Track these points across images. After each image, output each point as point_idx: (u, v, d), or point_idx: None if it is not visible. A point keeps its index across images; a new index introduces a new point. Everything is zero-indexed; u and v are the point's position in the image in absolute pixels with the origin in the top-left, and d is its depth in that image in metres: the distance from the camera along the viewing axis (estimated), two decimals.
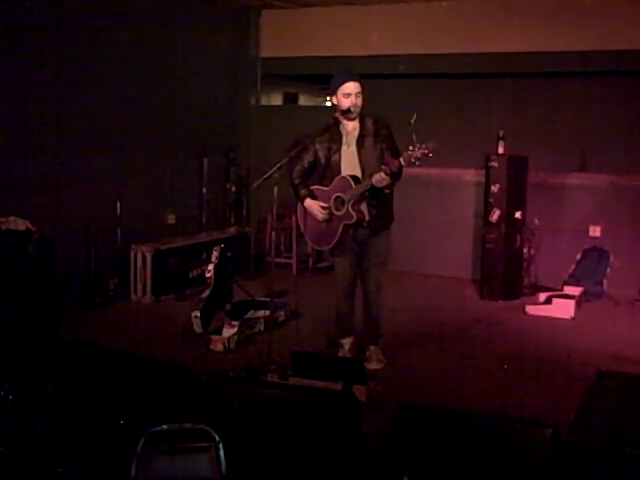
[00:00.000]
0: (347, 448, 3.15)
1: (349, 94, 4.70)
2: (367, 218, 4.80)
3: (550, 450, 2.77)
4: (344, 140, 4.81)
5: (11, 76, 5.90)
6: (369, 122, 4.80)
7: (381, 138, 4.77)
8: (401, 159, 4.50)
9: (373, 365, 4.99)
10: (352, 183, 4.71)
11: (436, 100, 7.72)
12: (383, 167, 4.53)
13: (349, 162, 4.80)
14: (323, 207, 4.81)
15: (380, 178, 4.53)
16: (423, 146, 4.45)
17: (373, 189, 4.66)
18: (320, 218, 4.84)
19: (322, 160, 4.87)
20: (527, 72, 7.24)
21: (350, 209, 4.73)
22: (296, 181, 4.92)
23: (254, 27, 8.42)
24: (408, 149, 4.49)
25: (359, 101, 4.72)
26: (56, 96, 6.24)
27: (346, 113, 4.74)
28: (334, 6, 7.84)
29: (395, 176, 4.58)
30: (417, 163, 4.48)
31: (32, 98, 6.06)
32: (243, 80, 8.53)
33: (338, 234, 4.82)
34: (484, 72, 7.40)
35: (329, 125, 4.84)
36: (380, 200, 4.78)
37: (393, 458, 3.03)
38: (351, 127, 4.81)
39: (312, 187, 4.93)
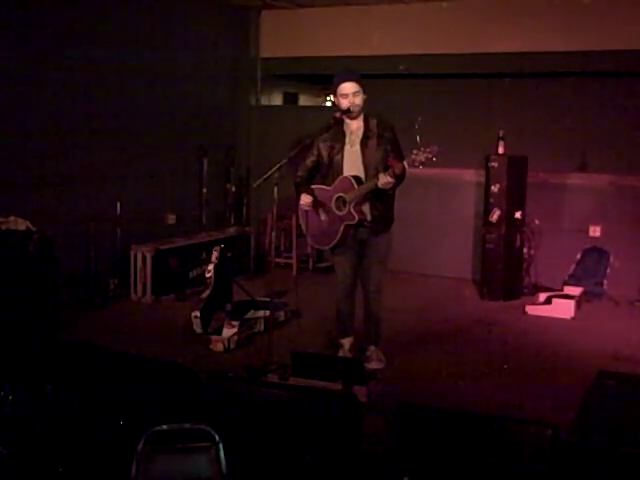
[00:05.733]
0: (347, 448, 3.15)
1: (346, 94, 4.72)
2: (369, 219, 4.81)
3: (550, 450, 2.77)
4: (347, 140, 4.82)
5: (11, 76, 5.90)
6: (373, 123, 4.81)
7: (385, 140, 4.76)
8: (405, 162, 4.51)
9: (373, 365, 4.99)
10: (354, 184, 4.72)
11: (436, 100, 7.71)
12: (389, 171, 4.55)
13: (352, 162, 4.80)
14: (308, 203, 4.82)
15: (386, 181, 4.54)
16: (427, 150, 4.45)
17: (375, 190, 4.67)
18: (303, 209, 4.86)
19: (325, 159, 4.88)
20: (527, 72, 7.23)
21: (352, 210, 4.74)
22: (297, 180, 4.95)
23: (254, 27, 8.42)
24: (412, 152, 4.50)
25: (357, 100, 4.73)
26: (56, 96, 6.24)
27: (347, 113, 4.75)
28: (334, 6, 7.84)
29: (399, 178, 4.60)
30: (421, 167, 4.49)
31: (32, 98, 6.06)
32: (243, 80, 8.53)
33: (339, 234, 4.83)
34: (484, 72, 7.40)
35: (332, 124, 4.84)
36: (382, 201, 4.79)
37: (393, 458, 3.03)
38: (355, 126, 4.82)
39: (314, 186, 4.94)
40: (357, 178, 4.75)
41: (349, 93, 4.71)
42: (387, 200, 4.81)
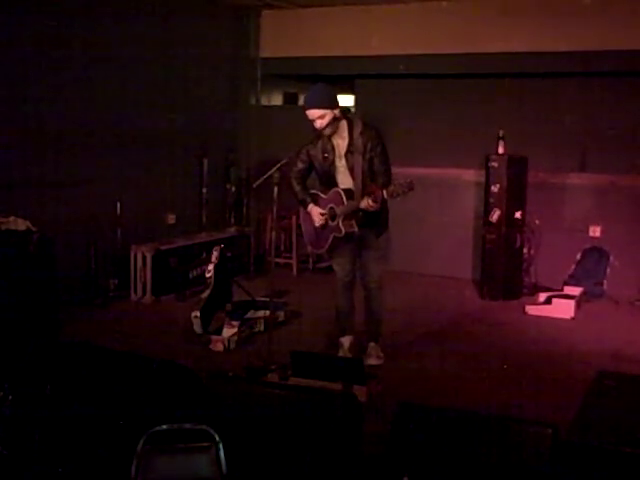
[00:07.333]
0: (347, 448, 3.14)
1: (312, 120, 4.76)
2: (357, 232, 4.83)
3: (550, 450, 2.77)
4: (336, 152, 4.86)
5: (11, 76, 5.90)
6: (357, 131, 4.80)
7: (369, 149, 4.78)
8: (384, 192, 4.51)
9: (372, 361, 5.03)
10: (344, 199, 4.77)
11: (436, 100, 7.72)
12: (371, 196, 4.55)
13: (343, 174, 4.87)
14: (322, 214, 4.89)
15: (367, 205, 4.59)
16: (406, 184, 4.43)
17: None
18: (317, 224, 4.93)
19: (318, 169, 4.95)
20: (527, 72, 7.23)
21: (340, 223, 4.80)
22: (296, 188, 5.01)
23: (254, 27, 8.42)
24: (392, 183, 4.54)
25: (324, 122, 4.73)
26: (56, 96, 6.24)
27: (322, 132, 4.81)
28: (334, 6, 7.84)
29: (380, 203, 4.60)
30: (398, 198, 4.51)
31: (32, 98, 6.05)
32: (243, 80, 8.52)
33: (328, 243, 4.93)
34: (484, 72, 7.40)
35: (321, 134, 4.86)
36: (373, 213, 4.78)
37: (393, 458, 3.03)
38: (340, 139, 4.84)
39: (312, 191, 5.01)
40: (348, 192, 4.79)
41: (314, 118, 4.75)
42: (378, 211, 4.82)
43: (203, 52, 7.78)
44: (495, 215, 6.93)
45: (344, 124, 4.82)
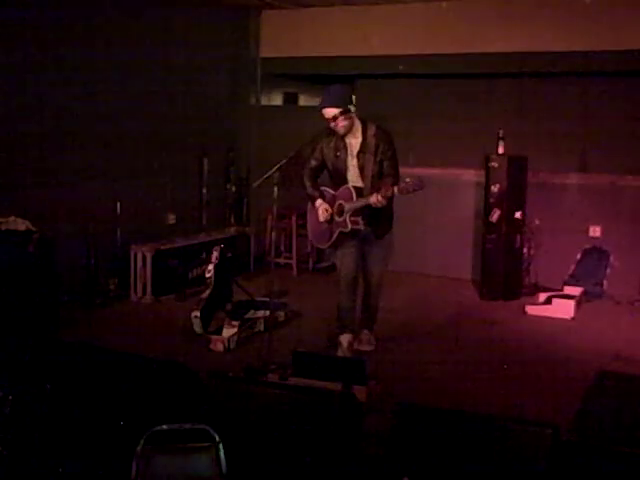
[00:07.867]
0: (347, 448, 3.15)
1: (328, 119, 4.84)
2: (363, 229, 4.93)
3: (550, 450, 2.77)
4: (349, 151, 4.96)
5: (10, 75, 5.90)
6: (371, 132, 4.91)
7: (380, 152, 4.89)
8: (395, 188, 4.62)
9: (364, 347, 5.23)
10: (354, 195, 4.87)
11: (436, 100, 7.72)
12: (381, 191, 4.67)
13: (353, 172, 4.99)
14: (327, 210, 5.01)
15: (376, 200, 4.69)
16: (417, 181, 4.52)
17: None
18: (321, 219, 5.03)
19: (329, 166, 5.05)
20: (527, 72, 7.23)
21: (347, 219, 4.90)
22: (307, 184, 5.15)
23: (254, 27, 8.41)
24: (405, 180, 4.61)
25: (341, 122, 4.83)
26: (56, 96, 6.24)
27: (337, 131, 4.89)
28: (334, 6, 7.84)
29: (390, 199, 4.75)
30: (409, 195, 4.61)
31: (32, 98, 6.05)
32: (243, 80, 8.52)
33: (333, 238, 5.03)
34: (484, 72, 7.40)
35: (335, 132, 4.95)
36: (380, 211, 4.88)
37: (393, 458, 3.03)
38: (352, 139, 4.95)
39: (322, 187, 5.13)
40: (358, 189, 4.91)
41: (330, 117, 4.82)
42: (384, 209, 4.88)
43: (203, 52, 7.77)
44: (495, 215, 6.92)
45: (358, 124, 4.93)
